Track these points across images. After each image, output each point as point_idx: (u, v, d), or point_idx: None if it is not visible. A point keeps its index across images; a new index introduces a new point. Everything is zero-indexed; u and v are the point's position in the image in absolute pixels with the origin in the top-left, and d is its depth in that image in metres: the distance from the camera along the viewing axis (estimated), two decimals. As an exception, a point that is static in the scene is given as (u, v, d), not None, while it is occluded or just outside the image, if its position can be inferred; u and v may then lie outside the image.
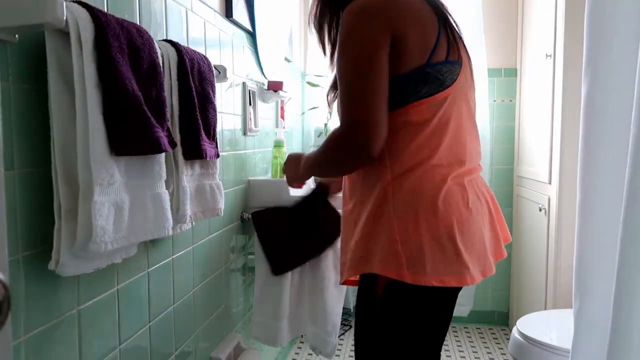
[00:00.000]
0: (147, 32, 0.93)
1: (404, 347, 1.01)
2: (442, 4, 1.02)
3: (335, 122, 1.39)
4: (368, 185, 0.99)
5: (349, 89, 0.93)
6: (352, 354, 2.58)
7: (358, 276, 1.05)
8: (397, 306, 0.98)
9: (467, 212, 0.94)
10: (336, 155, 0.98)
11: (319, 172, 1.18)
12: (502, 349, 2.62)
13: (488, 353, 2.57)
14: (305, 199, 1.47)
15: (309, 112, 2.77)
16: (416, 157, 0.95)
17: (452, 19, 1.04)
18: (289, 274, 1.67)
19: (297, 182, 1.29)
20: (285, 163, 1.27)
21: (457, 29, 1.03)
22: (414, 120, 0.95)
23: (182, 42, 1.24)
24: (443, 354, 2.51)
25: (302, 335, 2.70)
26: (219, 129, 1.35)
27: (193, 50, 1.15)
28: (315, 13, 1.11)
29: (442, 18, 0.98)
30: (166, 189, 1.00)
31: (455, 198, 0.94)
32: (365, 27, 0.92)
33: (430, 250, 0.91)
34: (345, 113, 0.93)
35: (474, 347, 2.65)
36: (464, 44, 1.05)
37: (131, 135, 0.84)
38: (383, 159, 0.96)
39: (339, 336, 2.77)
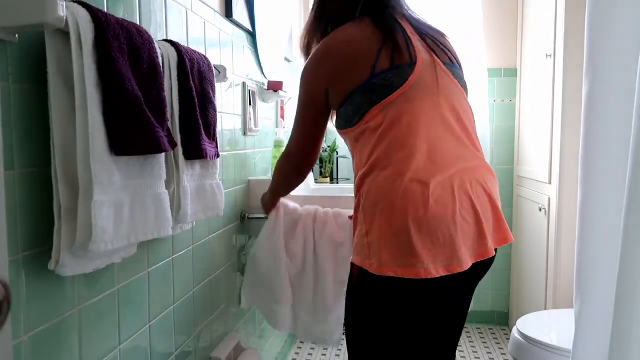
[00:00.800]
0: (147, 32, 0.93)
1: (383, 331, 1.08)
2: (393, 15, 1.14)
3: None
4: (354, 185, 1.14)
5: (295, 120, 1.24)
6: (352, 354, 2.58)
7: None
8: (366, 292, 1.07)
9: (426, 209, 0.98)
10: (283, 174, 1.38)
11: (280, 189, 1.49)
12: (502, 349, 2.62)
13: (488, 353, 2.57)
14: None
15: (309, 112, 2.77)
16: (374, 157, 1.05)
17: (411, 23, 1.15)
18: (285, 263, 1.65)
19: (270, 207, 1.62)
20: (263, 199, 1.63)
21: (412, 32, 1.13)
22: (371, 126, 1.06)
23: (182, 42, 1.24)
24: (443, 354, 2.50)
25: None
26: (219, 129, 1.35)
27: (193, 50, 1.15)
28: (304, 39, 1.32)
29: (387, 31, 1.10)
30: (167, 189, 1.00)
31: (413, 195, 0.99)
32: (311, 71, 1.17)
33: (386, 243, 1.00)
34: (289, 141, 1.27)
35: (474, 347, 2.65)
36: (440, 45, 1.14)
37: (131, 135, 0.84)
38: (357, 164, 1.12)
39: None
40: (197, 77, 1.13)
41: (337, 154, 2.78)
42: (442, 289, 1.04)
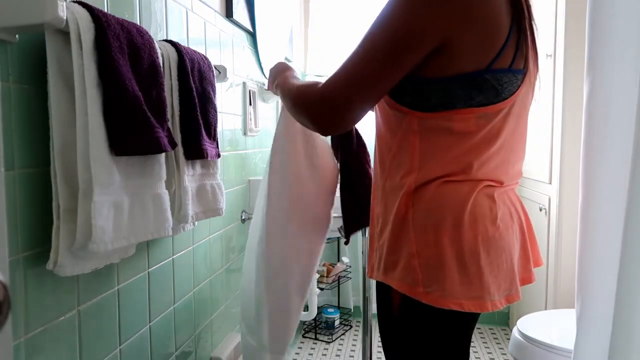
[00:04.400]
0: (147, 32, 0.92)
1: (424, 357, 0.94)
2: None
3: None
4: (392, 187, 0.91)
5: (357, 60, 0.81)
6: (352, 353, 2.58)
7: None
8: (414, 323, 0.91)
9: (494, 229, 0.84)
10: (300, 110, 0.89)
11: (285, 103, 1.00)
12: (502, 348, 2.62)
13: (488, 353, 2.57)
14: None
15: (309, 112, 2.76)
16: (448, 168, 0.85)
17: (531, 16, 0.89)
18: None
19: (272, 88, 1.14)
20: (276, 66, 1.15)
21: (532, 30, 0.89)
22: (456, 129, 0.84)
23: (183, 42, 1.24)
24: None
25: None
26: (219, 129, 1.34)
27: (193, 50, 1.15)
28: None
29: (518, 15, 0.84)
30: (168, 189, 1.00)
31: (482, 211, 0.84)
32: (420, 10, 0.78)
33: (450, 269, 0.83)
34: (334, 83, 0.82)
35: (475, 346, 2.65)
36: (535, 49, 0.91)
37: (131, 135, 0.84)
38: (412, 161, 0.88)
39: (339, 336, 2.77)
40: (197, 77, 1.13)
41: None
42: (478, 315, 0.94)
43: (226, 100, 1.60)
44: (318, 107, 0.84)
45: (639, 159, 0.79)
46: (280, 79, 1.06)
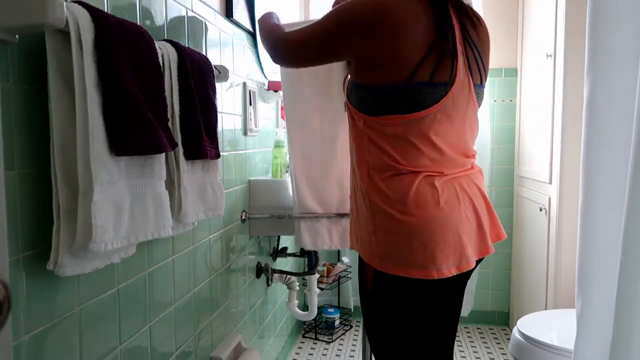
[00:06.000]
0: (147, 32, 0.92)
1: (399, 330, 1.11)
2: (449, 10, 1.01)
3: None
4: (355, 181, 1.13)
5: (304, 37, 1.10)
6: (353, 353, 2.58)
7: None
8: (383, 291, 1.09)
9: (438, 211, 1.00)
10: (263, 40, 1.23)
11: (259, 30, 1.31)
12: (502, 348, 2.62)
13: (488, 353, 2.57)
14: None
15: (309, 112, 2.76)
16: (388, 164, 1.03)
17: (467, 32, 1.03)
18: None
19: None
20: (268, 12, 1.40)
21: (472, 43, 1.03)
22: (388, 132, 1.03)
23: (183, 42, 1.24)
24: (443, 354, 2.50)
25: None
26: (219, 129, 1.34)
27: (193, 50, 1.15)
28: None
29: (439, 35, 0.97)
30: (167, 189, 1.00)
31: (424, 197, 1.01)
32: (344, 26, 1.02)
33: (397, 245, 1.02)
34: (287, 41, 1.14)
35: (475, 346, 2.65)
36: (479, 62, 1.06)
37: (131, 135, 0.84)
38: (363, 154, 1.08)
39: (339, 336, 2.77)
40: (197, 77, 1.13)
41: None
42: (448, 284, 1.08)
43: (226, 100, 1.60)
44: (272, 46, 1.18)
45: (639, 159, 0.79)
46: (265, 15, 1.32)
